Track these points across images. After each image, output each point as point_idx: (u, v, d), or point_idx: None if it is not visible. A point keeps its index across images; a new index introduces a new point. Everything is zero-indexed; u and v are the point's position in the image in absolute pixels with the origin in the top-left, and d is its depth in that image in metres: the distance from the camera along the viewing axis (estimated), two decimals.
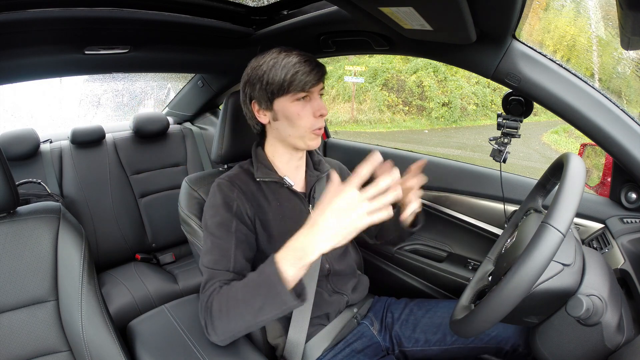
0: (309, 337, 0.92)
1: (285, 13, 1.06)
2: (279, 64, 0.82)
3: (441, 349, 0.97)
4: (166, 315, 0.91)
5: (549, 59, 0.81)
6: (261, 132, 0.94)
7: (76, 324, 0.81)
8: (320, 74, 0.84)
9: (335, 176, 0.64)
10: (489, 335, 0.93)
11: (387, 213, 0.59)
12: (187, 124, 2.05)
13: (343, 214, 0.59)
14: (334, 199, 0.60)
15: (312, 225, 0.62)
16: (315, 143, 0.89)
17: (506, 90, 0.94)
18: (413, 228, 1.02)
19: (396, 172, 0.60)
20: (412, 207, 0.93)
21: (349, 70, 9.52)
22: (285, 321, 0.92)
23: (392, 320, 1.04)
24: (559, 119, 0.85)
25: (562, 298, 0.65)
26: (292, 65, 0.82)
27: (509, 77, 0.82)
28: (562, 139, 8.37)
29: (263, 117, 0.89)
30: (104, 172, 1.70)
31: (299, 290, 0.68)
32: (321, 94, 0.89)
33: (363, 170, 0.60)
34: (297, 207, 0.94)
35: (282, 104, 0.84)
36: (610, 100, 0.81)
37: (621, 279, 0.79)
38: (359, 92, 10.07)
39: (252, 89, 0.87)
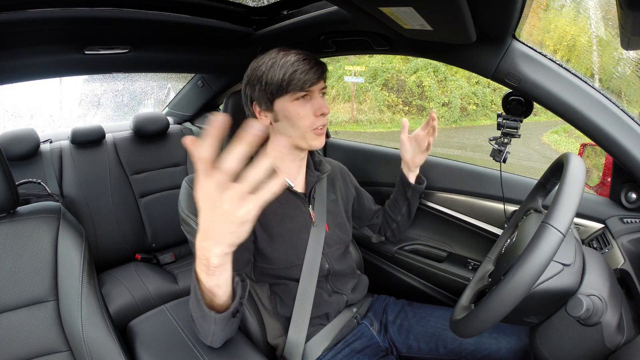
0: (308, 337, 0.92)
1: (285, 13, 1.06)
2: (277, 63, 0.82)
3: (434, 358, 0.97)
4: (166, 315, 0.91)
5: (549, 59, 0.81)
6: None
7: (76, 324, 0.81)
8: (319, 72, 0.83)
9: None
10: (482, 352, 0.92)
11: (277, 184, 0.46)
12: (187, 124, 2.05)
13: (225, 217, 0.48)
14: (215, 202, 0.47)
15: (199, 232, 0.53)
16: (318, 143, 0.88)
17: (506, 90, 0.94)
18: (419, 186, 1.08)
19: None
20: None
21: (349, 70, 9.51)
22: (285, 321, 0.92)
23: (387, 323, 1.04)
24: (559, 119, 0.85)
25: (562, 298, 0.65)
26: (290, 64, 0.81)
27: (509, 77, 0.82)
28: (562, 139, 8.37)
29: (264, 119, 0.88)
30: (104, 172, 1.70)
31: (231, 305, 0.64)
32: (323, 93, 0.88)
33: (227, 164, 0.44)
34: (297, 208, 0.94)
35: (282, 104, 0.84)
36: (610, 100, 0.81)
37: (621, 279, 0.78)
38: (359, 92, 10.07)
39: (252, 90, 0.87)
